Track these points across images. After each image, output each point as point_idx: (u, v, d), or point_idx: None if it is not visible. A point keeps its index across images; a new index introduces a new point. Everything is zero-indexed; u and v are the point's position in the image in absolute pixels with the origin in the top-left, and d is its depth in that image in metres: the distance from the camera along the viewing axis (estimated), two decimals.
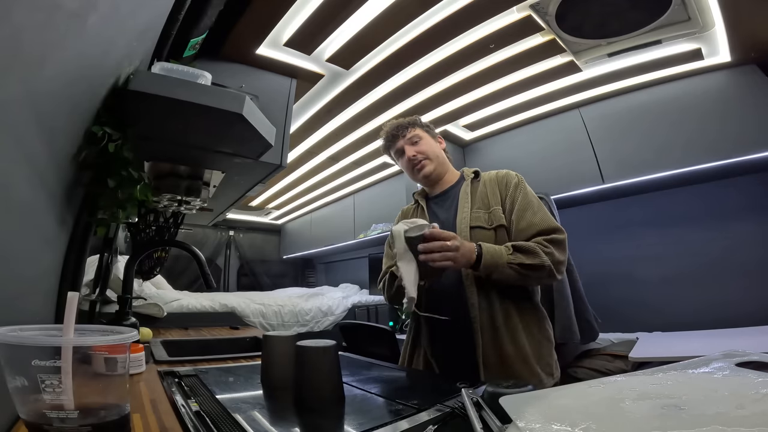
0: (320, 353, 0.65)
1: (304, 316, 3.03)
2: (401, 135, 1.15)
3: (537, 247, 0.92)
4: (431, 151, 1.14)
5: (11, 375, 0.41)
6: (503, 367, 0.92)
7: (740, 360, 0.54)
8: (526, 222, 0.99)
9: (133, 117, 0.95)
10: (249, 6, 1.42)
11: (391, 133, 1.17)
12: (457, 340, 1.00)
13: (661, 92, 1.99)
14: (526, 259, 0.90)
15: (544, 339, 0.99)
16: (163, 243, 1.61)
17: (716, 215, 2.00)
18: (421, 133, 1.16)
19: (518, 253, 0.92)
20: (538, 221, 0.98)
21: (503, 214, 1.03)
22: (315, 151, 2.86)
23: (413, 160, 1.13)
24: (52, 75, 0.57)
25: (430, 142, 1.16)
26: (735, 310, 1.82)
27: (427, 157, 1.13)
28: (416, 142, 1.14)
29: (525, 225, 0.98)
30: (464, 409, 0.54)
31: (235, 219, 4.70)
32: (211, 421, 0.55)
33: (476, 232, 1.02)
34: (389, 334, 1.95)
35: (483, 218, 1.03)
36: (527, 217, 0.99)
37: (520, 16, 1.54)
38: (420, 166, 1.13)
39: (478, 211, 1.05)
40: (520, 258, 0.91)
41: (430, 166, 1.13)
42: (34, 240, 0.70)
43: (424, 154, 1.13)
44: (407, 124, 1.16)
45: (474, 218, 1.04)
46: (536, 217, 0.98)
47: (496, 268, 0.90)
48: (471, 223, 1.03)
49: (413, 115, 1.21)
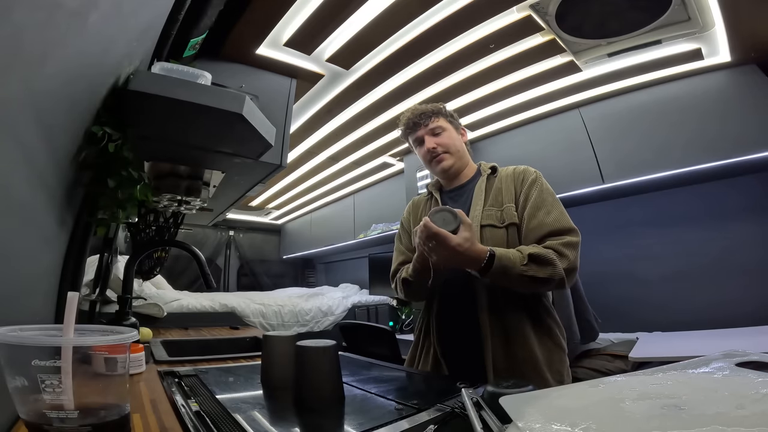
0: (320, 353, 0.65)
1: (304, 316, 3.03)
2: (423, 124, 1.09)
3: (553, 256, 0.86)
4: (452, 145, 1.09)
5: (11, 375, 0.41)
6: (512, 372, 0.90)
7: (740, 360, 0.54)
8: (537, 221, 0.94)
9: (133, 117, 0.95)
10: (249, 6, 1.42)
11: (412, 120, 1.11)
12: (466, 341, 0.98)
13: (661, 92, 1.99)
14: (540, 272, 0.85)
15: (555, 346, 0.96)
16: (163, 243, 1.61)
17: (716, 215, 2.00)
18: (444, 123, 1.10)
19: (533, 264, 0.86)
20: (551, 221, 0.93)
21: (516, 212, 0.99)
22: (315, 151, 2.86)
23: (433, 152, 1.08)
24: (53, 74, 0.57)
25: (452, 134, 1.11)
26: (735, 310, 1.82)
27: (447, 150, 1.08)
28: (438, 133, 1.09)
29: (536, 224, 0.94)
30: (464, 409, 0.54)
31: (235, 219, 4.70)
32: (211, 421, 0.55)
33: (487, 231, 0.98)
34: (389, 334, 1.95)
35: (495, 216, 1.00)
36: (539, 216, 0.95)
37: (520, 16, 1.54)
38: (439, 159, 1.08)
39: (490, 209, 1.02)
40: (533, 270, 0.85)
41: (449, 160, 1.09)
42: (34, 240, 0.70)
43: (444, 146, 1.08)
44: (431, 113, 1.10)
45: (486, 216, 1.00)
46: (549, 217, 0.94)
47: (504, 277, 0.86)
48: (482, 221, 1.00)
49: (438, 103, 1.15)
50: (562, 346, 0.97)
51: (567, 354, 0.99)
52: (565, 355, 0.97)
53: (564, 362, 0.96)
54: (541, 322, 0.96)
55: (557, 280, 0.86)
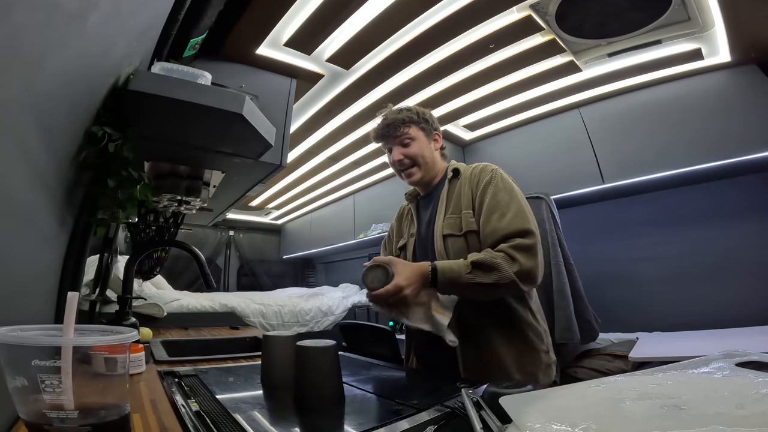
0: (320, 353, 0.65)
1: (304, 316, 3.03)
2: (392, 135, 1.08)
3: (499, 261, 0.85)
4: (420, 154, 1.07)
5: (11, 375, 0.41)
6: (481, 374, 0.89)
7: (740, 360, 0.54)
8: (491, 227, 0.92)
9: (133, 117, 0.95)
10: (249, 6, 1.42)
11: (381, 132, 1.10)
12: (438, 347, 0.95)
13: (661, 92, 1.99)
14: (486, 278, 0.84)
15: (526, 347, 0.94)
16: (163, 243, 1.61)
17: (716, 215, 2.00)
18: (415, 132, 1.08)
19: (477, 271, 0.85)
20: (504, 225, 0.90)
21: (473, 218, 0.97)
22: (315, 151, 2.86)
23: (401, 164, 1.08)
24: (52, 74, 0.57)
25: (422, 143, 1.09)
26: (735, 310, 1.82)
27: (414, 163, 1.07)
28: (407, 144, 1.07)
29: (490, 230, 0.92)
30: (464, 409, 0.54)
31: (235, 219, 4.70)
32: (211, 421, 0.55)
33: (448, 241, 0.97)
34: (389, 334, 1.94)
35: (455, 224, 0.98)
36: (492, 222, 0.92)
37: (520, 16, 1.54)
38: (408, 173, 1.09)
39: (451, 217, 1.00)
40: (479, 277, 0.84)
41: (417, 174, 1.08)
42: (34, 240, 0.70)
43: (412, 158, 1.07)
44: (400, 122, 1.08)
45: (447, 225, 0.99)
46: (503, 221, 0.91)
47: (454, 288, 0.87)
48: (444, 231, 0.98)
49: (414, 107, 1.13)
50: (535, 346, 0.95)
51: (548, 353, 0.97)
52: (540, 355, 0.96)
53: (538, 362, 0.95)
54: (509, 324, 0.95)
55: (507, 284, 0.84)
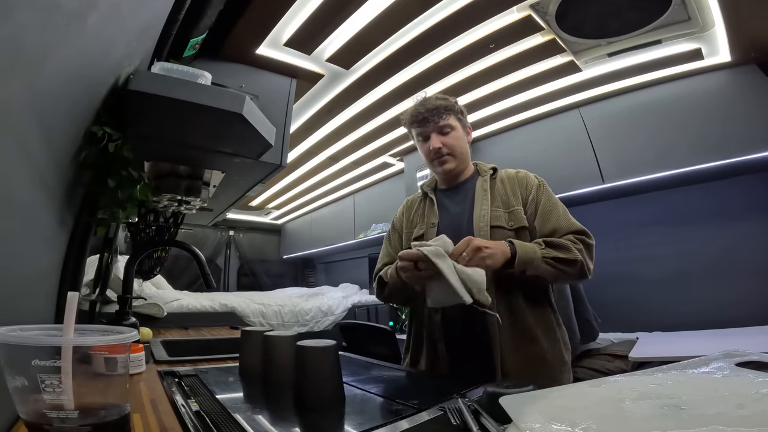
0: (320, 353, 0.65)
1: (304, 316, 3.03)
2: (433, 120, 1.05)
3: (567, 243, 0.89)
4: (457, 146, 1.06)
5: (11, 375, 0.41)
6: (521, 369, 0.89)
7: (740, 360, 0.54)
8: (552, 225, 0.95)
9: (133, 117, 0.95)
10: (249, 6, 1.42)
11: (423, 114, 1.05)
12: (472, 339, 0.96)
13: (661, 92, 1.99)
14: (560, 253, 0.87)
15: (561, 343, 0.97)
16: (163, 243, 1.61)
17: (716, 215, 2.00)
18: (454, 121, 1.07)
19: (550, 248, 0.88)
20: (565, 224, 0.94)
21: (525, 216, 0.99)
22: (315, 151, 2.86)
23: (438, 152, 1.05)
24: (53, 74, 0.57)
25: (459, 133, 1.07)
26: (735, 309, 1.82)
27: (451, 152, 1.06)
28: (447, 132, 1.05)
29: (551, 228, 0.95)
30: (462, 415, 0.54)
31: (235, 219, 4.70)
32: (211, 421, 0.55)
33: (496, 232, 0.97)
34: (389, 334, 1.95)
35: (503, 218, 0.99)
36: (553, 221, 0.95)
37: (520, 16, 1.54)
38: (442, 160, 1.06)
39: (497, 210, 1.00)
40: (554, 252, 0.88)
41: (452, 163, 1.07)
42: (34, 240, 0.70)
43: (449, 148, 1.05)
44: (443, 109, 1.05)
45: (494, 217, 0.99)
46: (562, 221, 0.95)
47: (531, 264, 0.87)
48: (491, 222, 0.98)
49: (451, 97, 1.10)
50: (567, 342, 0.99)
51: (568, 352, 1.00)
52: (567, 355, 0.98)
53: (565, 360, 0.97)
54: (548, 319, 0.97)
55: (579, 263, 0.88)
